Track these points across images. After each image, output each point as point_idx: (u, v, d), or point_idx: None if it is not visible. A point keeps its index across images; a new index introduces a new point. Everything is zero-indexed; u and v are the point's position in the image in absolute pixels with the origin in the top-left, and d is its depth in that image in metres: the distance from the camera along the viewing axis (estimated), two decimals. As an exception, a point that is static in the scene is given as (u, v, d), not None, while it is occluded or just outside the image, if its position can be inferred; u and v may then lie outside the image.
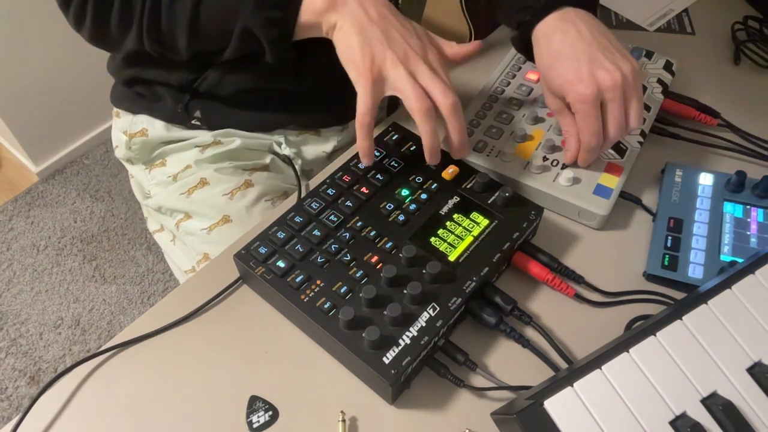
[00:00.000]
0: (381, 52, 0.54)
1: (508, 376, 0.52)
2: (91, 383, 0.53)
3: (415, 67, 0.55)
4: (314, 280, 0.52)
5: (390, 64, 0.54)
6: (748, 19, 0.81)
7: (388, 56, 0.54)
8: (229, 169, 0.74)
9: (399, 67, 0.54)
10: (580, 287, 0.58)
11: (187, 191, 0.75)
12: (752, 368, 0.45)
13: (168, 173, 0.77)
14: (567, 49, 0.58)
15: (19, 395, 1.36)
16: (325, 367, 0.53)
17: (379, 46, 0.54)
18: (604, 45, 0.58)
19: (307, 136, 0.79)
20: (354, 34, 0.55)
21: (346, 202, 0.57)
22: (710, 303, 0.47)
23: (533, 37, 0.62)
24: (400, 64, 0.54)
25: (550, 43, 0.59)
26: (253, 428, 0.50)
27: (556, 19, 0.60)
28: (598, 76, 0.56)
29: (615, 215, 0.62)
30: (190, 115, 0.75)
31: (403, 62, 0.54)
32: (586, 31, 0.58)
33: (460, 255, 0.54)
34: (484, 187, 0.58)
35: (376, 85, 0.54)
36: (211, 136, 0.75)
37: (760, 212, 0.60)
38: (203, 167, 0.75)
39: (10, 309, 1.50)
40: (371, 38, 0.54)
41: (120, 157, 0.84)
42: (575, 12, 0.60)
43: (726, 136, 0.69)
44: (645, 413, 0.42)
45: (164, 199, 0.77)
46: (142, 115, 0.78)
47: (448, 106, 0.55)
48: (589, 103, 0.56)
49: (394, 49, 0.54)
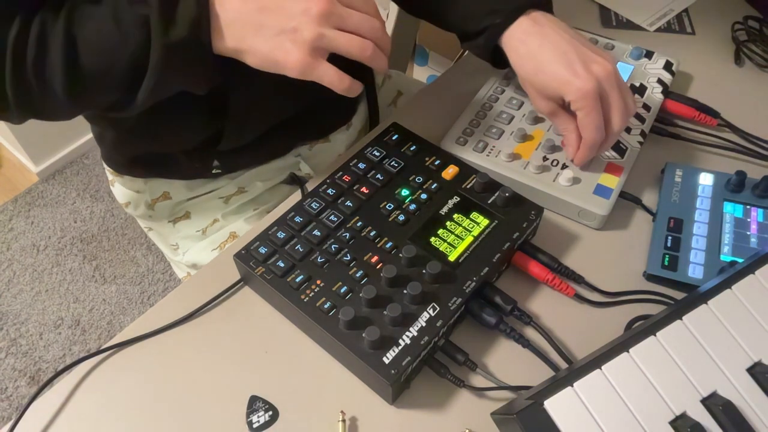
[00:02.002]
0: (282, 33, 0.49)
1: (508, 376, 0.52)
2: (90, 383, 0.53)
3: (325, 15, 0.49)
4: (314, 280, 0.52)
5: (293, 37, 0.49)
6: (748, 19, 0.81)
7: (290, 29, 0.49)
8: (255, 217, 0.74)
9: (307, 29, 0.49)
10: (580, 287, 0.58)
11: (218, 246, 0.75)
12: (752, 368, 0.45)
13: (196, 227, 0.76)
14: (552, 51, 0.57)
15: (19, 395, 1.36)
16: (325, 367, 0.53)
17: (275, 29, 0.49)
18: (583, 42, 0.58)
19: (319, 146, 0.79)
20: (245, 38, 0.50)
21: (346, 202, 0.57)
22: (710, 303, 0.47)
23: (504, 43, 0.61)
24: (304, 30, 0.49)
25: (530, 48, 0.59)
26: (253, 428, 0.50)
27: (527, 24, 0.59)
28: (593, 69, 0.56)
29: (615, 215, 0.62)
30: (208, 168, 0.73)
31: (304, 28, 0.48)
32: (562, 31, 0.58)
33: (460, 255, 0.54)
34: (484, 187, 0.58)
35: (314, 56, 0.49)
36: (234, 186, 0.75)
37: (760, 212, 0.60)
38: (230, 220, 0.74)
39: (10, 309, 1.50)
40: (263, 27, 0.49)
41: (136, 215, 0.81)
42: (542, 15, 0.60)
43: (726, 136, 0.69)
44: (645, 413, 0.42)
45: (197, 255, 0.76)
46: (156, 180, 0.75)
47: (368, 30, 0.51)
48: (592, 97, 0.56)
49: (289, 20, 0.49)
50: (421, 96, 0.76)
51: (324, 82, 0.51)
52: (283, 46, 0.49)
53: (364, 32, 0.51)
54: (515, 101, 0.69)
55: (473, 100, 0.70)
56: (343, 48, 0.50)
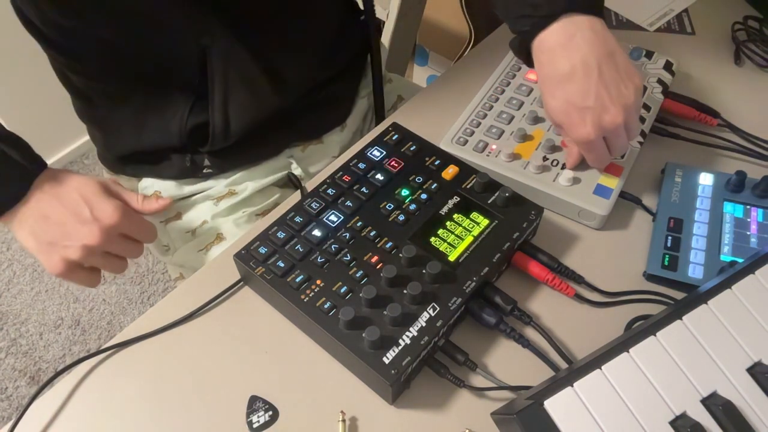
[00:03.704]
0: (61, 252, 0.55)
1: (508, 376, 0.52)
2: (90, 383, 0.53)
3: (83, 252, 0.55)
4: (314, 280, 0.52)
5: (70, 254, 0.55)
6: (748, 19, 0.81)
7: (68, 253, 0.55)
8: (244, 218, 0.75)
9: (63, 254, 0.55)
10: (580, 287, 0.58)
11: (205, 247, 0.75)
12: (752, 368, 0.45)
13: (186, 228, 0.77)
14: (572, 85, 0.55)
15: (19, 395, 1.36)
16: (325, 367, 0.53)
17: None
18: (609, 74, 0.55)
19: (311, 147, 0.79)
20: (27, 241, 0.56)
21: (346, 202, 0.57)
22: (710, 303, 0.47)
23: (534, 48, 0.58)
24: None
25: (555, 66, 0.56)
26: (253, 428, 0.50)
27: (558, 33, 0.55)
28: (603, 121, 0.55)
29: (615, 215, 0.62)
30: (199, 167, 0.73)
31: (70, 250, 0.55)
32: (591, 58, 0.54)
33: (460, 255, 0.54)
34: (484, 187, 0.58)
35: (71, 269, 0.56)
36: (224, 186, 0.75)
37: (760, 212, 0.60)
38: (219, 221, 0.75)
39: (10, 309, 1.50)
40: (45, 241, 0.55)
41: None
42: (577, 23, 0.55)
43: (726, 136, 0.69)
44: (645, 413, 0.42)
45: (184, 256, 0.77)
46: (148, 179, 0.76)
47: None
48: (594, 144, 0.57)
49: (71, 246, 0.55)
50: (421, 96, 0.76)
51: (71, 282, 0.58)
52: (48, 255, 0.55)
53: (127, 255, 0.59)
54: (515, 101, 0.69)
55: (473, 100, 0.70)
56: (100, 267, 0.58)
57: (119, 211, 0.55)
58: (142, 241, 0.59)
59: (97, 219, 0.54)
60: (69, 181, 0.56)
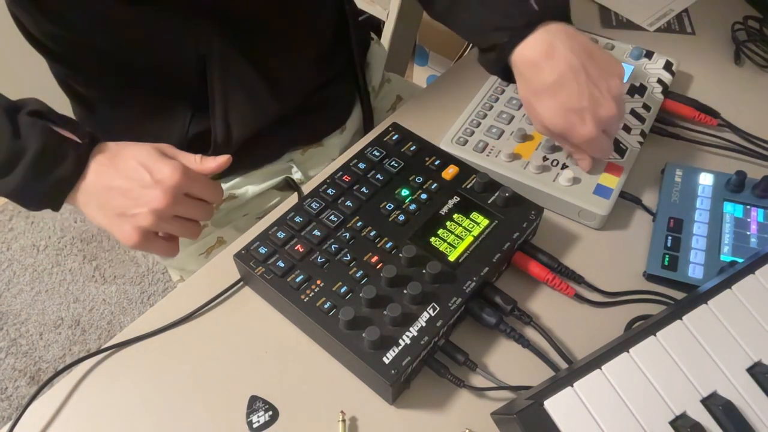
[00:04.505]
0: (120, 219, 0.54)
1: (508, 376, 0.52)
2: (90, 383, 0.53)
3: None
4: (314, 280, 0.52)
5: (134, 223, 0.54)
6: (748, 19, 0.81)
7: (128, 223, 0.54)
8: (244, 222, 0.74)
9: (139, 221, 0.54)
10: (580, 287, 0.58)
11: (205, 251, 0.75)
12: (752, 368, 0.45)
13: None
14: (565, 91, 0.55)
15: (19, 395, 1.36)
16: (325, 367, 0.53)
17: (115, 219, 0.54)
18: (594, 72, 0.56)
19: (311, 151, 0.79)
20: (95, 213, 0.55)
21: (346, 202, 0.57)
22: (710, 303, 0.47)
23: (513, 63, 0.58)
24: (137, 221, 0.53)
25: (542, 78, 0.56)
26: (253, 428, 0.50)
27: (537, 45, 0.56)
28: (600, 116, 0.56)
29: (615, 215, 0.62)
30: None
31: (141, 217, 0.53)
32: (574, 60, 0.55)
33: (460, 255, 0.54)
34: (484, 187, 0.58)
35: (146, 237, 0.55)
36: (224, 190, 0.75)
37: (760, 212, 0.60)
38: (219, 225, 0.75)
39: (10, 309, 1.50)
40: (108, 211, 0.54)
41: None
42: (553, 31, 0.56)
43: (726, 136, 0.69)
44: (645, 413, 0.42)
45: (185, 260, 0.77)
46: None
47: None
48: (596, 138, 0.57)
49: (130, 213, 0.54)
50: (421, 96, 0.76)
51: (149, 252, 0.56)
52: (120, 227, 0.54)
53: (198, 219, 0.58)
54: (515, 101, 0.69)
55: (473, 100, 0.70)
56: (173, 233, 0.57)
57: (178, 170, 0.53)
58: (209, 201, 0.57)
59: (158, 182, 0.53)
60: (124, 150, 0.55)
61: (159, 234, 0.57)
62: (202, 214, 0.57)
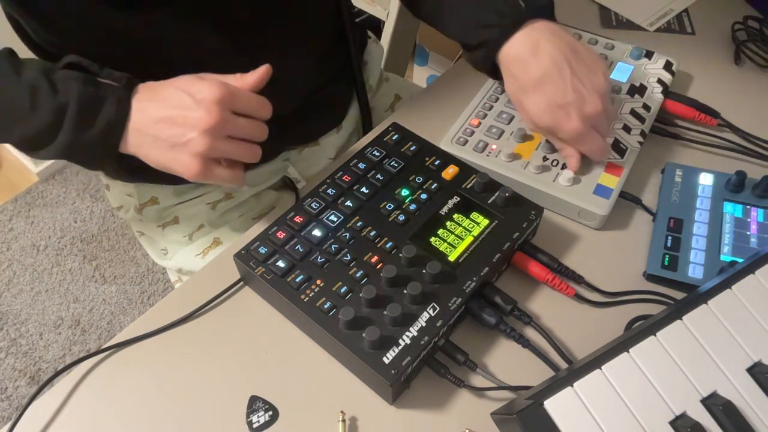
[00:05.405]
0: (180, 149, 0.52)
1: (508, 376, 0.52)
2: (90, 383, 0.53)
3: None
4: (314, 280, 0.52)
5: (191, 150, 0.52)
6: (748, 19, 0.81)
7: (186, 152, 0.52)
8: (240, 223, 0.74)
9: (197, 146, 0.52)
10: (580, 287, 0.58)
11: (202, 252, 0.75)
12: (752, 368, 0.45)
13: (183, 232, 0.76)
14: (550, 86, 0.57)
15: (19, 395, 1.36)
16: (325, 367, 0.53)
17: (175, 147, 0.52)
18: (579, 68, 0.58)
19: (308, 149, 0.79)
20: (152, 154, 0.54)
21: (346, 202, 0.57)
22: (710, 303, 0.47)
23: (501, 60, 0.60)
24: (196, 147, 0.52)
25: (529, 74, 0.58)
26: (253, 428, 0.50)
27: (523, 43, 0.58)
28: (586, 111, 0.57)
29: (615, 215, 0.62)
30: None
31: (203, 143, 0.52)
32: (559, 56, 0.57)
33: (460, 255, 0.54)
34: (484, 187, 0.58)
35: (206, 165, 0.53)
36: (221, 191, 0.75)
37: (760, 212, 0.60)
38: (216, 225, 0.75)
39: (10, 309, 1.50)
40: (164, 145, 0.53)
41: (128, 219, 0.81)
42: (538, 29, 0.58)
43: (726, 136, 0.69)
44: (645, 413, 0.42)
45: (182, 260, 0.77)
46: (145, 185, 0.75)
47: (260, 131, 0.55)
48: (585, 135, 0.58)
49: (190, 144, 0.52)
50: (421, 96, 0.76)
51: (217, 183, 0.54)
52: (177, 158, 0.52)
53: (252, 137, 0.55)
54: (515, 101, 0.69)
55: (473, 100, 0.70)
56: (233, 155, 0.54)
57: (217, 85, 0.51)
58: (259, 117, 0.55)
59: (201, 101, 0.51)
60: (163, 83, 0.54)
61: (221, 163, 0.54)
62: (254, 130, 0.55)
